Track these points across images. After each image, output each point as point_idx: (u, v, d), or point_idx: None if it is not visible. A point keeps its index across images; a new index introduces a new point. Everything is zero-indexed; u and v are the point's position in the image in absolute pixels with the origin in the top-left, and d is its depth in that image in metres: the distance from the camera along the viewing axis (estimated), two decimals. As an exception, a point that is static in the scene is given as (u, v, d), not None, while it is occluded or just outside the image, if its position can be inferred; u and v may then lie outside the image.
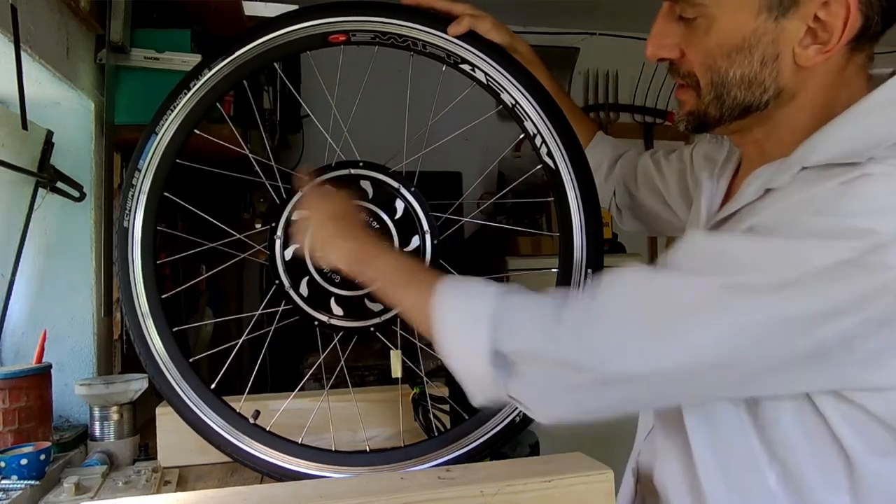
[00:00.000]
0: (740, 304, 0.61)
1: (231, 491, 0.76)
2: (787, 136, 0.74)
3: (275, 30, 0.95)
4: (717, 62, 0.73)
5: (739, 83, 0.73)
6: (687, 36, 0.74)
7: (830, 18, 0.67)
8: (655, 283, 0.68)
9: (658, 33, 0.76)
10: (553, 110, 0.94)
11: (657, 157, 1.14)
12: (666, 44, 0.76)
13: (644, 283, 0.68)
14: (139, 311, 0.93)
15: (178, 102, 0.95)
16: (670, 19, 0.75)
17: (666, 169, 1.11)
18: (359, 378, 1.96)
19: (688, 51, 0.75)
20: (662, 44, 0.76)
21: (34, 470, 0.94)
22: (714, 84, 0.74)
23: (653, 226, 1.19)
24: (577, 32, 3.15)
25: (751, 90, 0.73)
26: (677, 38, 0.75)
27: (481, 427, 0.92)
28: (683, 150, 1.08)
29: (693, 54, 0.74)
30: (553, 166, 0.94)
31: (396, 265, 0.84)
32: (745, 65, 0.72)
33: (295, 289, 0.95)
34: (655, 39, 0.77)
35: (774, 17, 0.69)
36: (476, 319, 0.71)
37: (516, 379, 0.70)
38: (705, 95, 0.75)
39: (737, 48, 0.71)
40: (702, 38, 0.73)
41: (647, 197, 1.15)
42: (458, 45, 0.95)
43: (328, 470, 0.91)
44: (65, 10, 1.18)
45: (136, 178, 0.95)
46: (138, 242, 0.94)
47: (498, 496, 0.72)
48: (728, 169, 0.88)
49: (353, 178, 0.96)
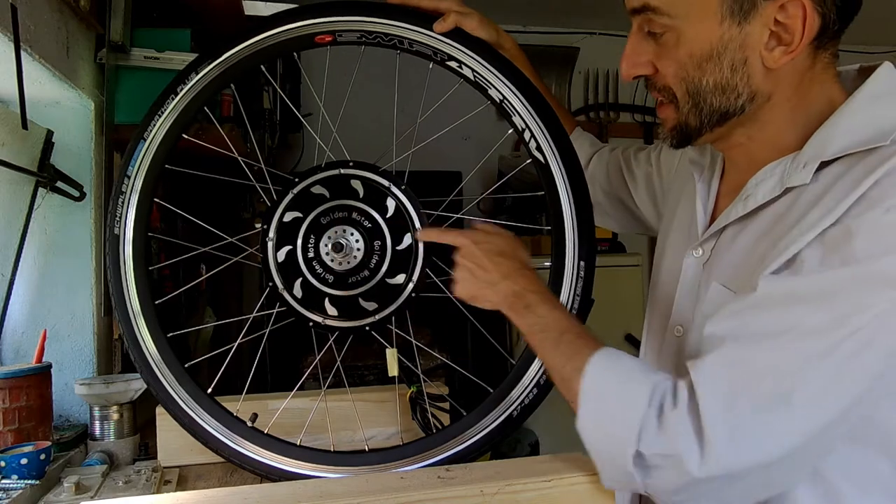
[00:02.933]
0: (843, 346, 0.61)
1: (231, 490, 0.76)
2: (773, 134, 0.77)
3: (261, 32, 0.95)
4: (689, 73, 0.74)
5: (713, 90, 0.75)
6: (658, 51, 0.76)
7: (789, 20, 0.70)
8: (749, 364, 0.64)
9: (630, 52, 0.78)
10: (541, 105, 0.95)
11: (627, 155, 1.16)
12: (639, 62, 0.78)
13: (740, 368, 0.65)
14: (132, 317, 0.93)
15: (166, 107, 0.95)
16: (640, 37, 0.77)
17: (636, 169, 1.13)
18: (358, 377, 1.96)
19: (660, 65, 0.77)
20: (636, 62, 0.78)
21: (34, 469, 0.95)
22: (690, 94, 0.76)
23: (619, 223, 1.22)
24: (577, 32, 3.15)
25: (725, 96, 0.75)
26: (650, 55, 0.77)
27: (479, 423, 0.92)
28: (651, 152, 1.11)
29: (665, 68, 0.76)
30: (543, 160, 0.94)
31: (556, 320, 0.80)
32: (717, 72, 0.73)
33: (289, 290, 0.95)
34: (629, 58, 0.78)
35: (738, 23, 0.71)
36: (626, 419, 0.67)
37: (656, 479, 0.67)
38: (683, 106, 0.77)
39: (706, 57, 0.73)
40: (672, 51, 0.75)
41: (616, 195, 1.17)
42: (445, 43, 0.95)
43: (326, 470, 0.91)
44: (65, 10, 1.18)
45: (126, 184, 0.94)
46: (130, 249, 0.94)
47: (498, 496, 0.72)
48: (715, 172, 0.89)
49: (343, 177, 0.96)
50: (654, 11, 0.73)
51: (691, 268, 0.85)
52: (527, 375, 0.92)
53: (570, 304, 0.92)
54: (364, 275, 0.95)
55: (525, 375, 0.92)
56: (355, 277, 0.95)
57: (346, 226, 0.95)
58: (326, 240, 0.94)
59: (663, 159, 1.07)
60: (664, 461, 0.65)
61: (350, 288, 0.95)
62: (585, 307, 0.93)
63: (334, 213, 0.95)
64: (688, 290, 0.85)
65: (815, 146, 0.72)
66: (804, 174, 0.71)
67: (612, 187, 1.17)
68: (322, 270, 0.95)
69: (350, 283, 0.95)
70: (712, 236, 0.83)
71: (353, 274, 0.95)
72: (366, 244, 0.94)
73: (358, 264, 0.94)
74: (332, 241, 0.94)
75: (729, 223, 0.80)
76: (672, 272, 0.89)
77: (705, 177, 0.89)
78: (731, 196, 0.84)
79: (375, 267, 0.95)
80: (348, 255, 0.94)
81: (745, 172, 0.80)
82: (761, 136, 0.78)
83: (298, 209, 0.95)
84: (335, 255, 0.93)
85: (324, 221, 0.95)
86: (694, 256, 0.85)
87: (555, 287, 0.93)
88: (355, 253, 0.94)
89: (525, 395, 0.92)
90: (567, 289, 0.93)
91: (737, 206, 0.79)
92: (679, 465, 0.64)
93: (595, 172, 1.19)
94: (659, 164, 1.08)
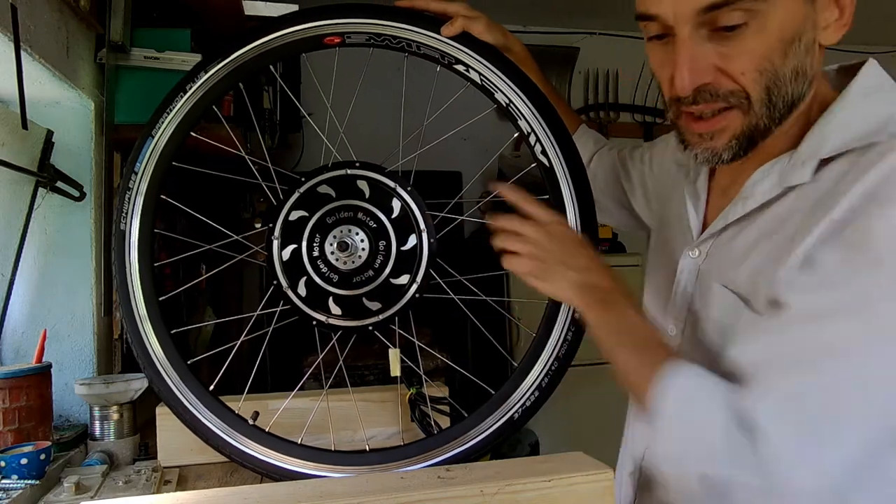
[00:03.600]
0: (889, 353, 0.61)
1: (231, 490, 0.76)
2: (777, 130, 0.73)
3: (270, 32, 0.95)
4: (774, 61, 0.68)
5: (792, 78, 0.69)
6: (724, 51, 0.69)
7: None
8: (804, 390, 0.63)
9: (689, 59, 0.69)
10: (546, 109, 0.95)
11: (623, 154, 1.15)
12: (702, 68, 0.69)
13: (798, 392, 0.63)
14: (137, 315, 0.93)
15: (174, 105, 0.95)
16: (697, 41, 0.69)
17: (631, 168, 1.13)
18: (359, 377, 1.96)
19: (730, 65, 0.69)
20: (699, 69, 0.69)
21: (34, 469, 0.94)
22: (769, 89, 0.69)
23: (618, 220, 1.21)
24: (577, 32, 3.15)
25: (798, 82, 0.70)
26: (713, 58, 0.69)
27: (480, 424, 0.92)
28: (645, 152, 1.10)
29: (740, 65, 0.69)
30: (547, 164, 0.94)
31: (633, 320, 0.77)
32: (796, 56, 0.68)
33: (293, 289, 0.95)
34: (689, 67, 0.69)
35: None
36: (702, 440, 0.67)
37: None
38: (757, 105, 0.70)
39: (792, 39, 0.67)
40: (752, 42, 0.67)
41: (613, 194, 1.17)
42: (452, 46, 0.95)
43: (327, 470, 0.91)
44: (65, 10, 1.18)
45: (133, 180, 0.94)
46: (135, 245, 0.94)
47: (498, 496, 0.72)
48: (701, 172, 0.88)
49: (349, 178, 0.96)
50: (736, 0, 0.66)
51: (687, 268, 0.85)
52: (529, 378, 0.92)
53: (571, 308, 0.92)
54: (368, 275, 0.95)
55: (527, 378, 0.92)
56: (360, 277, 0.95)
57: (351, 226, 0.95)
58: (332, 239, 0.94)
59: (655, 158, 1.06)
60: (733, 487, 0.65)
61: (354, 287, 0.95)
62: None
63: (340, 213, 0.95)
64: (683, 291, 0.85)
65: (812, 144, 0.70)
66: (803, 172, 0.70)
67: (609, 186, 1.17)
68: (327, 270, 0.95)
69: (354, 282, 0.95)
70: (710, 237, 0.82)
71: (358, 274, 0.95)
72: (371, 244, 0.94)
73: (362, 264, 0.94)
74: (337, 240, 0.94)
75: (728, 224, 0.79)
76: (667, 272, 0.89)
77: (691, 177, 0.88)
78: (722, 195, 0.83)
79: (380, 267, 0.95)
80: (353, 254, 0.94)
81: (737, 171, 0.79)
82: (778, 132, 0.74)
83: (304, 208, 0.95)
84: (340, 254, 0.93)
85: (329, 221, 0.95)
86: (690, 257, 0.84)
87: None
88: (360, 253, 0.94)
89: (526, 398, 0.92)
90: None
91: (735, 208, 0.78)
92: (745, 489, 0.64)
93: (596, 171, 1.19)
94: (652, 162, 1.07)
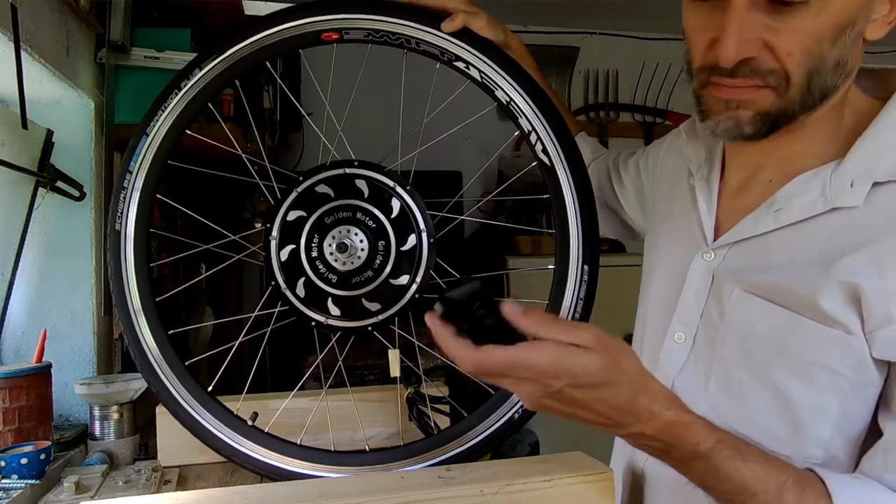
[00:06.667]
0: None
1: (231, 490, 0.76)
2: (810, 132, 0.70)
3: (266, 28, 0.93)
4: (823, 47, 0.63)
5: (833, 67, 0.65)
6: (779, 24, 0.63)
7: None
8: None
9: (740, 28, 0.63)
10: (547, 107, 0.94)
11: (616, 161, 1.13)
12: (751, 38, 0.64)
13: None
14: (133, 315, 0.93)
15: (168, 103, 0.94)
16: (752, 9, 0.63)
17: (624, 175, 1.11)
18: (359, 377, 1.96)
19: (780, 41, 0.64)
20: (747, 39, 0.64)
21: (34, 469, 0.94)
22: (810, 75, 0.65)
23: (609, 229, 1.19)
24: (578, 32, 3.15)
25: (836, 73, 0.66)
26: (763, 31, 0.64)
27: (481, 424, 0.92)
28: (639, 157, 1.08)
29: (791, 44, 0.63)
30: (548, 163, 0.94)
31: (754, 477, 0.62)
32: (844, 45, 0.64)
33: (291, 289, 0.94)
34: (737, 36, 0.63)
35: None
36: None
37: None
38: (794, 91, 0.66)
39: (843, 26, 0.63)
40: (809, 22, 0.62)
41: (605, 202, 1.16)
42: (452, 43, 0.94)
43: (327, 470, 0.91)
44: (65, 10, 1.18)
45: (128, 180, 0.94)
46: (131, 245, 0.93)
47: (498, 495, 0.72)
48: (714, 169, 0.84)
49: (348, 177, 0.96)
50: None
51: (699, 272, 0.79)
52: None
53: (573, 308, 0.92)
54: (367, 275, 0.94)
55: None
56: (359, 278, 0.94)
57: (350, 226, 0.94)
58: (330, 239, 0.94)
59: (650, 162, 1.04)
60: None
61: (353, 288, 0.94)
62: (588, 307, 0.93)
63: (339, 213, 0.94)
64: (694, 295, 0.80)
65: (862, 161, 0.65)
66: (855, 195, 0.65)
67: (602, 194, 1.15)
68: (325, 270, 0.94)
69: (353, 283, 0.94)
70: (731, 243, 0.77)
71: (357, 274, 0.94)
72: (370, 244, 0.94)
73: (362, 264, 0.94)
74: (336, 240, 0.93)
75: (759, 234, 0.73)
76: (672, 277, 0.84)
77: (703, 173, 0.84)
78: (735, 197, 0.80)
79: (379, 267, 0.94)
80: (352, 255, 0.93)
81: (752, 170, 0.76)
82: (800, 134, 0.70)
83: (302, 208, 0.94)
84: (339, 254, 0.93)
85: (328, 221, 0.94)
86: (704, 260, 0.79)
87: (558, 291, 0.93)
88: (359, 253, 0.94)
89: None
90: (570, 293, 0.92)
91: (765, 219, 0.72)
92: None
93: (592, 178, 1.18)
94: (647, 167, 1.05)
